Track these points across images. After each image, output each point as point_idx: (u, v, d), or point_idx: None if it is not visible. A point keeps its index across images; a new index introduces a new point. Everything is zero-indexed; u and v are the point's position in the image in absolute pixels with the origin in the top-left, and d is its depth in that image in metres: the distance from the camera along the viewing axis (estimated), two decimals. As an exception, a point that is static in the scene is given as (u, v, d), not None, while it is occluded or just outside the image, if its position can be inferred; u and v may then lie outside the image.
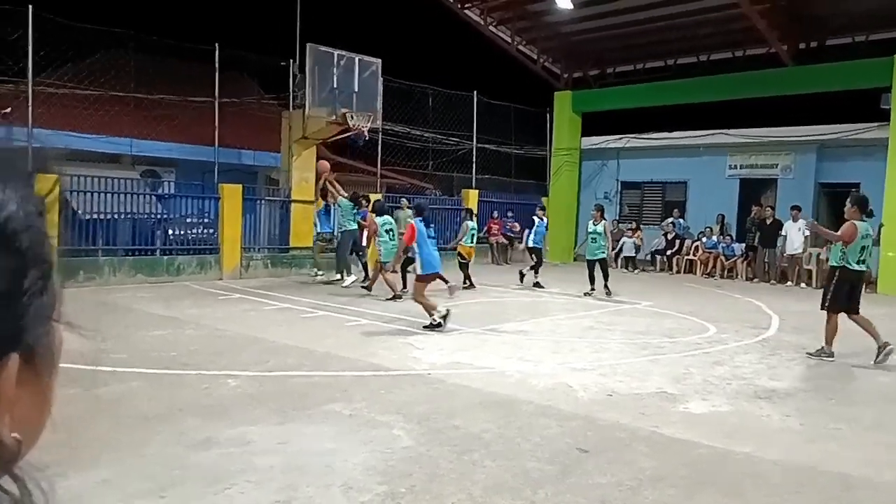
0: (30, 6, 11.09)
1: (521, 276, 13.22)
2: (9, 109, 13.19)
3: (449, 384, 5.99)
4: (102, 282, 11.52)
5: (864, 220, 7.40)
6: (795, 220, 15.20)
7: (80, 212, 11.74)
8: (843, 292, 7.32)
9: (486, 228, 18.45)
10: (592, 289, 12.17)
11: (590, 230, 12.40)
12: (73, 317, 0.50)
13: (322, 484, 3.77)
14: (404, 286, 11.32)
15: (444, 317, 8.27)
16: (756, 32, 15.46)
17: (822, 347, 7.47)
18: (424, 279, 8.54)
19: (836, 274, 7.39)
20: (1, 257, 0.42)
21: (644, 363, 7.11)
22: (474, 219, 13.86)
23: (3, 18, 11.03)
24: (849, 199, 7.57)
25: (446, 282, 9.87)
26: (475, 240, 13.47)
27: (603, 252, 12.15)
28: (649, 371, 6.72)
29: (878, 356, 7.15)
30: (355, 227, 12.37)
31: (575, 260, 19.93)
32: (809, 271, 15.20)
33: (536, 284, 13.04)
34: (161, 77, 14.60)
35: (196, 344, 7.30)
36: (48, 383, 0.49)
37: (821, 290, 7.84)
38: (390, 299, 10.73)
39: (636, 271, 17.57)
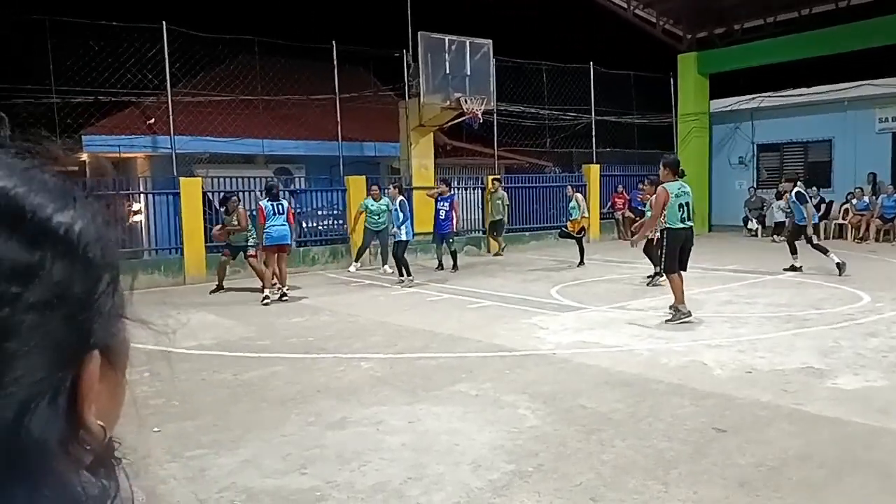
0: (163, 22, 12.00)
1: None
2: (153, 120, 14.39)
3: (575, 363, 5.91)
4: (246, 274, 12.32)
5: (676, 180, 7.66)
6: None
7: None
8: (675, 252, 7.55)
9: (609, 203, 17.96)
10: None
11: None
12: (145, 313, 0.55)
13: (451, 462, 3.85)
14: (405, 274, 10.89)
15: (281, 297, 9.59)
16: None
17: (677, 308, 7.43)
18: (268, 250, 9.67)
19: (665, 235, 7.73)
20: (79, 267, 0.48)
21: (787, 337, 6.66)
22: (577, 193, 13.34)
23: (140, 35, 12.04)
24: (661, 162, 7.88)
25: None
26: (579, 213, 12.87)
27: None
28: (793, 345, 6.29)
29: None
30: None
31: (710, 230, 19.00)
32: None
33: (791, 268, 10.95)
34: (285, 78, 15.33)
35: (331, 329, 7.66)
36: (122, 375, 0.54)
37: None
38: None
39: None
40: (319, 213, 13.93)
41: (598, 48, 19.95)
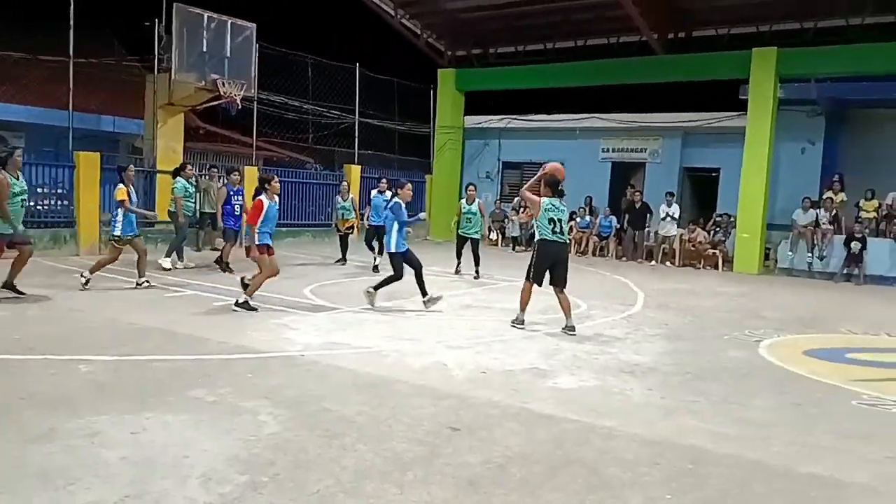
0: None
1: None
2: None
3: (323, 366, 5.83)
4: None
5: (554, 198, 7.85)
6: (669, 205, 16.18)
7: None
8: (542, 265, 7.75)
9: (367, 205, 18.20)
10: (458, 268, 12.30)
11: (464, 210, 12.45)
12: None
13: (178, 476, 3.52)
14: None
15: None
16: (630, 20, 16.08)
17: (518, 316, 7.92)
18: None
19: (537, 246, 7.89)
20: None
21: (518, 340, 7.25)
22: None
23: None
24: (542, 181, 8.05)
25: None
26: (344, 215, 13.22)
27: (478, 232, 12.26)
28: (523, 348, 6.86)
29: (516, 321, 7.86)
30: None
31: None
32: (674, 251, 16.17)
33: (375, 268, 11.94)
34: (9, 34, 13.22)
35: (45, 326, 6.69)
36: None
37: (683, 269, 8.36)
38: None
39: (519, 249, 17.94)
40: (40, 190, 12.16)
41: (367, 50, 20.17)
